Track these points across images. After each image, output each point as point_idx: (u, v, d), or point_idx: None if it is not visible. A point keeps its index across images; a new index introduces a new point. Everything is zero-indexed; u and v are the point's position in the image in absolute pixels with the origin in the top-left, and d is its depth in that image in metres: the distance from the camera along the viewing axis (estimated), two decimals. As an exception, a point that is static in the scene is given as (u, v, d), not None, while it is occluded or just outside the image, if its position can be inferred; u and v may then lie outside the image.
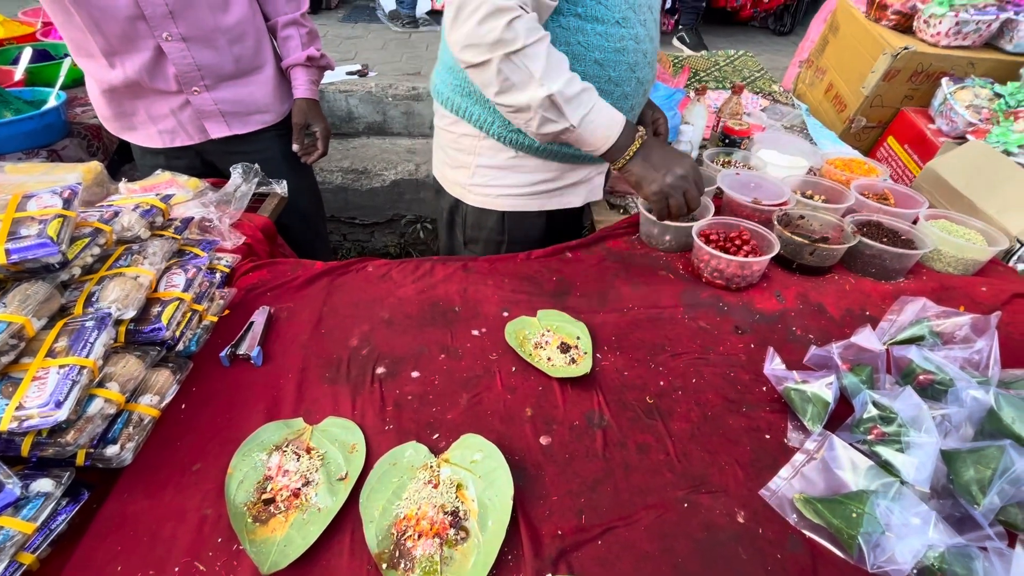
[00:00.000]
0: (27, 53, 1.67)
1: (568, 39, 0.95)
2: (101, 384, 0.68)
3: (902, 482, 0.66)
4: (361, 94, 2.77)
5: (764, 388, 0.85)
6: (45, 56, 1.82)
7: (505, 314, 0.97)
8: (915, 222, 1.18)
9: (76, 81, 1.83)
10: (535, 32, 0.83)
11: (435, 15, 3.96)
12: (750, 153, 1.43)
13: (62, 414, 0.60)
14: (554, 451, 0.74)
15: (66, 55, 1.77)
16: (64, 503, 0.63)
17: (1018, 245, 1.15)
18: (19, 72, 1.63)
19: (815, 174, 1.41)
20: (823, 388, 0.77)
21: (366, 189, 2.65)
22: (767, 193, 1.23)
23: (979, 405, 0.70)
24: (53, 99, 1.50)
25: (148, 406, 0.73)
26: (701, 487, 0.70)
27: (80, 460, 0.66)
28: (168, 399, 0.76)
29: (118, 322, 0.75)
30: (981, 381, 0.77)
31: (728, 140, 1.48)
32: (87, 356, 0.65)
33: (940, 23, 1.61)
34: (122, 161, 1.86)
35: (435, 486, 0.67)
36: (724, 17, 4.17)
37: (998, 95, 1.54)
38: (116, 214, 0.84)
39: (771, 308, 1.01)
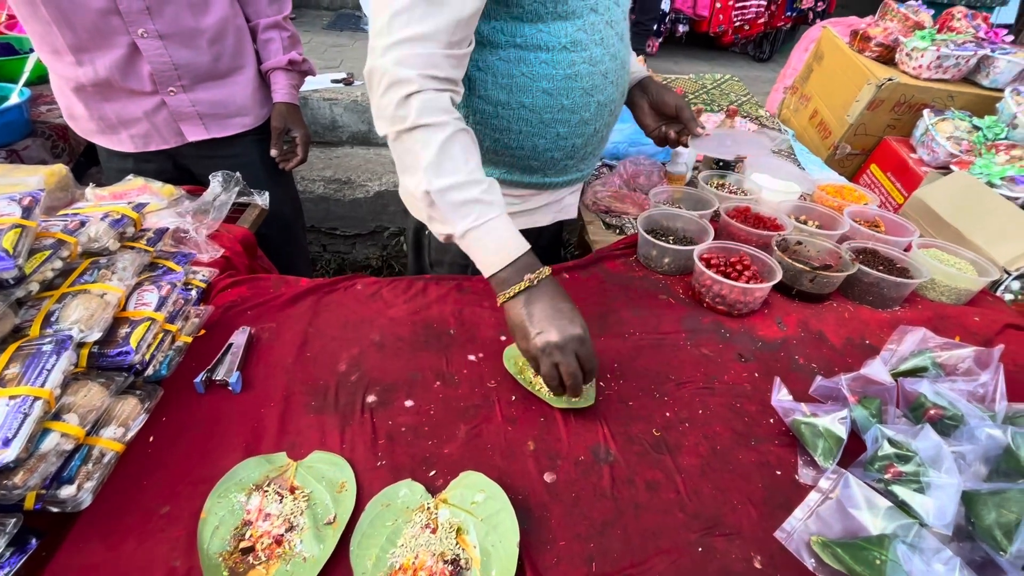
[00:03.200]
0: (-12, 47, 1.57)
1: (511, 71, 0.90)
2: (57, 416, 0.61)
3: (921, 524, 0.64)
4: (346, 103, 2.71)
5: (772, 420, 0.83)
6: (9, 50, 1.72)
7: (503, 338, 0.93)
8: (906, 250, 1.18)
9: (42, 78, 1.73)
10: (433, 114, 0.73)
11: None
12: (744, 176, 1.43)
13: (10, 454, 0.53)
14: (559, 489, 0.69)
15: (31, 50, 1.67)
16: (8, 554, 0.55)
17: (1006, 275, 1.17)
18: (-21, 66, 1.53)
19: (807, 200, 1.42)
20: (836, 423, 0.75)
21: (349, 199, 2.58)
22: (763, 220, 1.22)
23: (994, 443, 0.68)
24: (16, 96, 1.41)
25: (111, 440, 0.65)
26: (715, 529, 0.67)
27: (29, 504, 0.58)
28: (134, 431, 0.68)
29: (80, 345, 0.67)
30: (989, 416, 0.76)
31: (722, 163, 1.48)
32: (42, 385, 0.58)
33: (922, 56, 1.66)
34: (89, 163, 1.75)
35: (433, 531, 0.61)
36: (707, 42, 4.28)
37: (976, 128, 1.59)
38: (82, 224, 0.77)
39: (773, 335, 0.99)
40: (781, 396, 0.82)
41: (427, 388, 0.82)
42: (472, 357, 0.88)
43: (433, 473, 0.70)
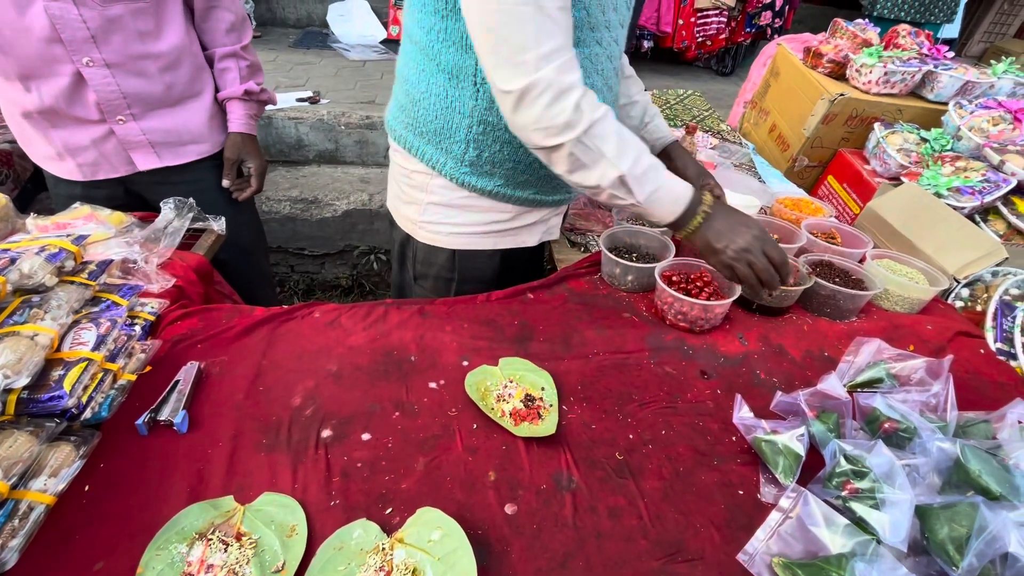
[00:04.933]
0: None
1: None
2: (-22, 471, 0.57)
3: (878, 541, 0.64)
4: (312, 121, 2.68)
5: (734, 438, 0.83)
6: (-50, 73, 1.64)
7: (465, 363, 0.91)
8: (861, 261, 1.21)
9: (-15, 102, 1.66)
10: (598, 108, 0.82)
11: (388, 43, 3.94)
12: (705, 191, 1.45)
13: (-82, 517, 0.49)
14: (520, 521, 0.68)
15: (-25, 73, 1.61)
16: (-81, 626, 0.51)
17: (955, 284, 1.21)
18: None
19: (766, 213, 1.45)
20: (794, 440, 0.75)
21: (316, 219, 2.54)
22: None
23: (945, 455, 0.69)
24: (-46, 122, 1.34)
25: (39, 492, 0.61)
26: (678, 555, 0.66)
27: (-55, 568, 0.54)
28: (67, 481, 0.64)
29: (7, 391, 0.63)
30: (940, 426, 0.78)
31: (684, 178, 1.50)
32: (-41, 439, 0.54)
33: (871, 72, 1.73)
34: (37, 190, 1.68)
35: (387, 573, 0.59)
36: (671, 57, 4.39)
37: (924, 140, 1.66)
38: (12, 261, 0.73)
39: (734, 351, 1.00)
40: (743, 414, 0.83)
41: (385, 419, 0.80)
42: (433, 384, 0.87)
43: (390, 511, 0.67)
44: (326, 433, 0.76)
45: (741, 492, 0.75)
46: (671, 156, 1.20)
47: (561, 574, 0.63)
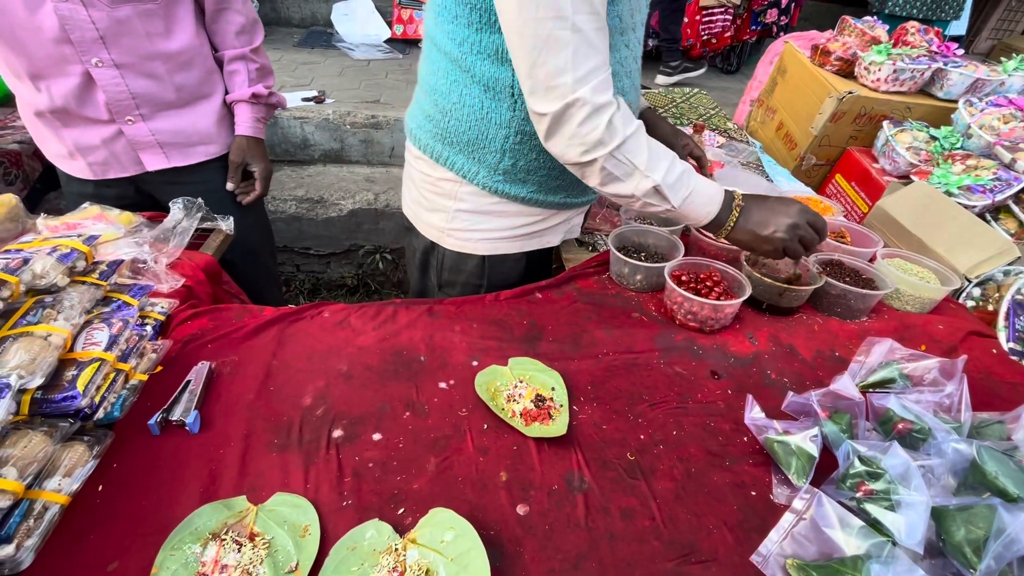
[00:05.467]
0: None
1: None
2: (-6, 471, 0.57)
3: (893, 543, 0.63)
4: (317, 120, 2.68)
5: (745, 438, 0.82)
6: (-41, 74, 1.65)
7: (474, 363, 0.91)
8: (871, 260, 1.21)
9: (-6, 103, 1.67)
10: (631, 122, 0.84)
11: (393, 43, 3.94)
12: (713, 190, 1.44)
13: (-64, 517, 0.49)
14: (533, 522, 0.68)
15: (-16, 74, 1.61)
16: (-64, 625, 0.51)
17: (967, 283, 1.20)
18: (-75, 92, 1.47)
19: (775, 211, 1.44)
20: (807, 442, 0.75)
21: (322, 219, 2.54)
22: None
23: (961, 457, 0.69)
24: (-36, 122, 1.35)
25: (54, 492, 0.61)
26: (691, 556, 0.66)
27: (-39, 568, 0.54)
28: (81, 481, 0.64)
29: (22, 391, 0.64)
30: (955, 427, 0.77)
31: (691, 177, 1.49)
32: (-25, 439, 0.54)
33: (880, 70, 1.72)
34: (46, 190, 1.70)
35: (401, 574, 0.59)
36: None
37: (933, 138, 1.64)
38: (25, 261, 0.73)
39: (745, 351, 1.00)
40: (754, 414, 0.82)
41: (396, 419, 0.80)
42: (443, 384, 0.86)
43: (402, 511, 0.67)
44: (337, 433, 0.76)
45: (753, 493, 0.74)
46: (647, 122, 1.22)
47: (574, 575, 0.62)
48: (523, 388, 0.85)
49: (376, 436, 0.77)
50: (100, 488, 0.66)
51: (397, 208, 2.55)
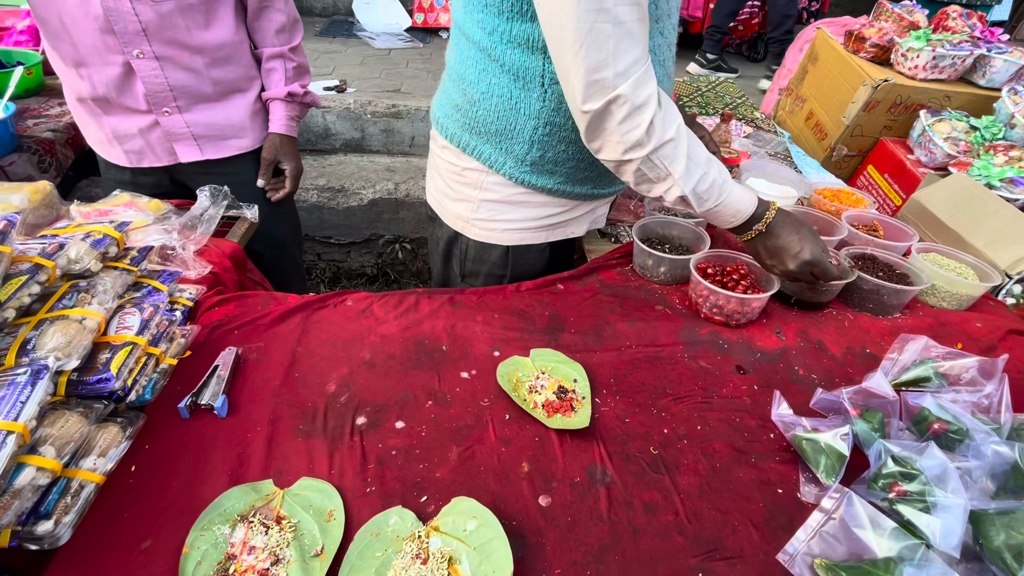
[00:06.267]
0: (-26, 61, 1.55)
1: None
2: (33, 448, 0.59)
3: (928, 545, 0.62)
4: (339, 110, 2.70)
5: (772, 435, 0.81)
6: (-5, 64, 1.70)
7: (496, 353, 0.91)
8: (906, 255, 1.17)
9: (28, 91, 1.71)
10: (671, 125, 0.82)
11: (414, 31, 3.93)
12: (739, 181, 1.41)
13: (-19, 493, 0.51)
14: (555, 513, 0.67)
15: (18, 63, 1.65)
16: (-19, 595, 0.53)
17: (1007, 279, 1.15)
18: (-36, 81, 1.51)
19: (804, 204, 1.41)
20: (838, 440, 0.73)
21: (343, 208, 2.56)
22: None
23: (1001, 459, 0.66)
24: (0, 110, 1.38)
25: (90, 471, 0.63)
26: (715, 553, 0.65)
27: (3, 541, 0.56)
28: (115, 461, 0.66)
29: (58, 373, 0.65)
30: (994, 428, 0.75)
31: (718, 168, 1.46)
32: (16, 419, 0.56)
33: (918, 57, 1.65)
34: (78, 177, 1.73)
35: (424, 561, 0.59)
36: (701, 42, 4.27)
37: (973, 128, 1.58)
38: (61, 247, 0.75)
39: (772, 346, 0.97)
40: (781, 410, 0.81)
41: (419, 408, 0.80)
42: (465, 374, 0.86)
43: (424, 499, 0.68)
44: (360, 420, 0.77)
45: (780, 491, 0.73)
46: None
47: (597, 568, 0.62)
48: (545, 379, 0.84)
49: (399, 424, 0.77)
50: (133, 468, 0.68)
51: (417, 198, 2.55)
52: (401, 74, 3.14)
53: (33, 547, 0.58)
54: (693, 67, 3.83)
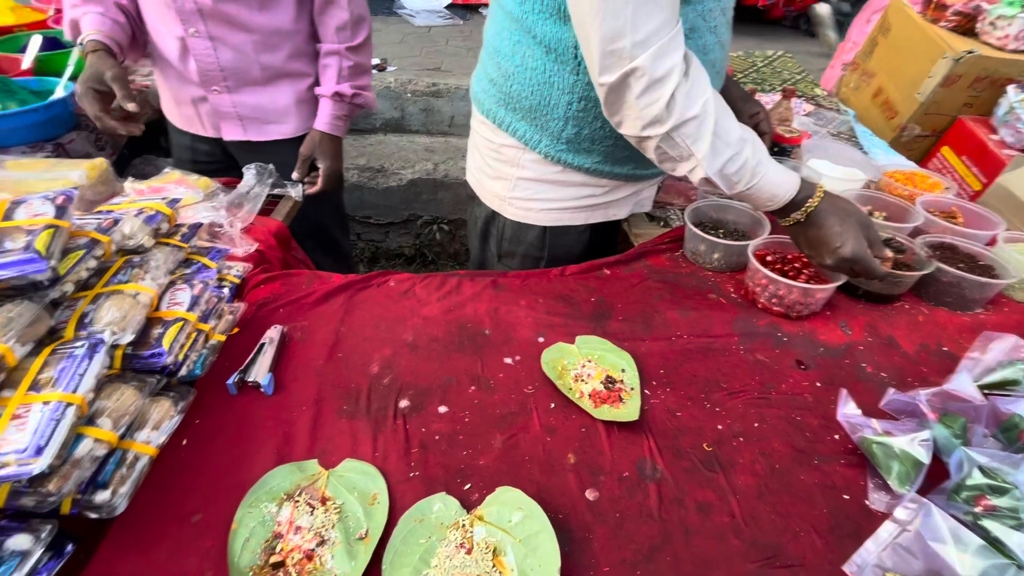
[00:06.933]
0: (35, 41, 1.59)
1: None
2: (91, 420, 0.60)
3: (1019, 566, 0.56)
4: (379, 89, 2.69)
5: (836, 436, 0.75)
6: (55, 44, 1.75)
7: (540, 339, 0.88)
8: (990, 244, 1.06)
9: (87, 71, 1.75)
10: (696, 101, 0.75)
11: (454, 8, 3.86)
12: (800, 163, 1.32)
13: (42, 462, 0.52)
14: (603, 508, 0.65)
15: (78, 44, 1.70)
16: (45, 559, 0.55)
17: (1109, 274, 1.03)
18: (27, 61, 1.56)
19: (872, 187, 1.30)
20: (916, 445, 0.67)
21: (382, 188, 2.57)
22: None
23: (1110, 476, 0.59)
24: (60, 90, 1.43)
25: (144, 444, 0.64)
26: (775, 559, 0.61)
27: (65, 509, 0.58)
28: (167, 434, 0.67)
29: (114, 347, 0.66)
30: (1097, 440, 0.67)
31: (777, 149, 1.37)
32: (75, 391, 0.57)
33: (1009, 25, 1.49)
34: (132, 155, 1.79)
35: (468, 551, 0.58)
36: (754, 15, 4.03)
37: (1071, 105, 1.42)
38: (116, 222, 0.75)
39: (836, 340, 0.91)
40: (848, 410, 0.75)
41: (461, 393, 0.78)
42: (508, 360, 0.84)
43: (468, 487, 0.66)
44: (404, 403, 0.76)
45: (846, 496, 0.68)
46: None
47: (647, 568, 0.59)
48: (592, 368, 0.81)
49: (442, 409, 0.76)
50: (184, 442, 0.69)
51: (455, 178, 2.53)
52: (441, 52, 3.10)
53: (92, 515, 0.59)
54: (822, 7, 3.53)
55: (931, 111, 1.66)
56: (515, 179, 1.02)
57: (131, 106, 1.11)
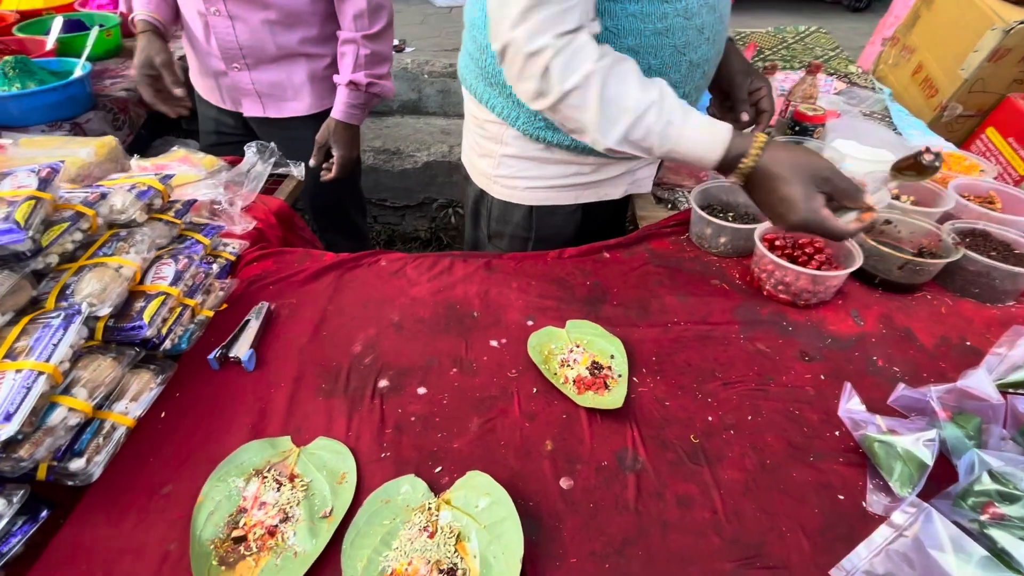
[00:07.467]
0: (58, 22, 1.64)
1: None
2: (67, 390, 0.61)
3: (1027, 581, 0.51)
4: (396, 70, 2.67)
5: (837, 432, 0.70)
6: (80, 27, 1.79)
7: (530, 323, 0.85)
8: (1030, 232, 0.97)
9: (107, 52, 1.80)
10: (575, 73, 0.70)
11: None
12: (823, 144, 1.23)
13: (11, 428, 0.53)
14: (576, 498, 0.62)
15: (100, 25, 1.74)
16: (20, 522, 0.56)
17: None
18: (50, 42, 1.60)
19: (902, 170, 1.21)
20: (920, 445, 0.62)
21: (398, 170, 2.56)
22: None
23: None
24: (79, 70, 1.46)
25: (121, 415, 0.65)
26: (756, 559, 0.57)
27: (41, 474, 0.59)
28: (146, 406, 0.68)
29: (95, 318, 0.67)
30: None
31: (799, 128, 1.29)
32: (47, 359, 0.58)
33: (1069, -8, 1.35)
34: (152, 136, 1.82)
35: (431, 535, 0.56)
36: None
37: None
38: (103, 196, 0.76)
39: (846, 331, 0.85)
40: (851, 405, 0.70)
41: (443, 375, 0.76)
42: (494, 343, 0.82)
43: (439, 470, 0.64)
44: (383, 383, 0.75)
45: (841, 497, 0.63)
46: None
47: (617, 562, 0.57)
48: (579, 353, 0.78)
49: (421, 390, 0.74)
50: (163, 415, 0.69)
51: (471, 161, 2.50)
52: (460, 33, 3.05)
53: (68, 483, 0.60)
54: None
55: (976, 89, 1.53)
56: (499, 156, 0.99)
57: (178, 91, 1.21)
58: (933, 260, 0.88)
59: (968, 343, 0.84)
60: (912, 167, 0.72)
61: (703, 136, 0.74)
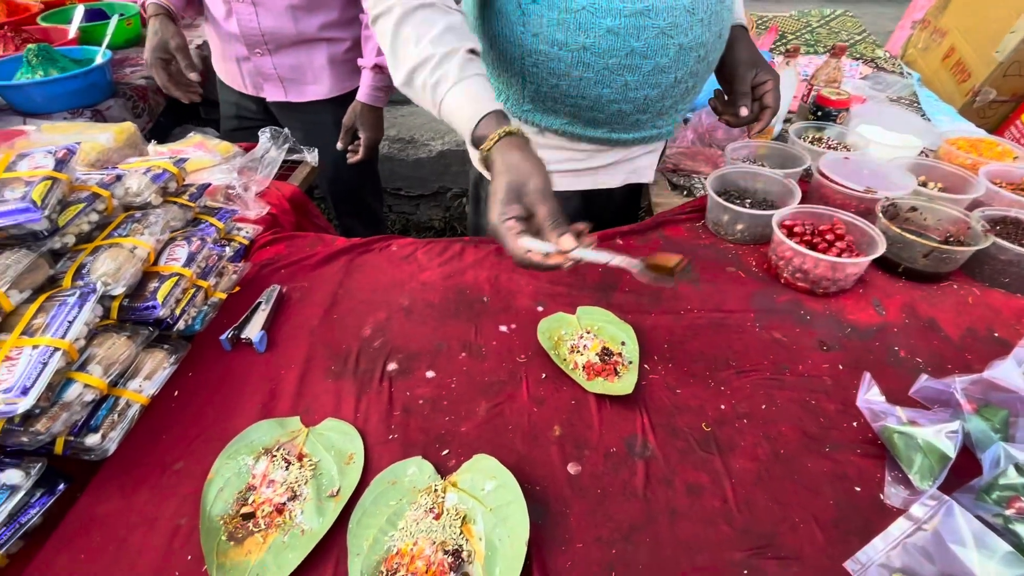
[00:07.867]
0: (79, 11, 1.66)
1: (569, 5, 0.76)
2: (83, 367, 0.62)
3: (1054, 579, 0.49)
4: (412, 59, 2.65)
5: (855, 424, 0.68)
6: (101, 15, 1.82)
7: (540, 309, 0.84)
8: (1065, 220, 0.93)
9: (128, 41, 1.82)
10: (381, 2, 0.73)
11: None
12: (847, 129, 1.19)
13: (27, 402, 0.54)
14: (584, 483, 0.62)
15: (120, 14, 1.76)
16: (38, 494, 0.58)
17: None
18: (72, 30, 1.63)
19: (929, 156, 1.17)
20: (942, 437, 0.59)
21: (412, 159, 2.56)
22: (881, 182, 1.00)
23: None
24: (99, 58, 1.48)
25: (135, 392, 0.66)
26: (767, 549, 0.56)
27: (59, 448, 0.60)
28: (159, 384, 0.69)
29: (112, 298, 0.68)
30: None
31: (821, 113, 1.25)
32: (63, 336, 0.59)
33: (1116, -32, 1.28)
34: (171, 124, 1.85)
35: (437, 516, 0.56)
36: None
37: None
38: (118, 178, 0.77)
39: (867, 321, 0.82)
40: (870, 395, 0.68)
41: (452, 359, 0.76)
42: (504, 328, 0.81)
43: (446, 452, 0.64)
44: (392, 366, 0.75)
45: (858, 488, 0.62)
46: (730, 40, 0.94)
47: (625, 548, 0.56)
48: (589, 339, 0.77)
49: (429, 374, 0.74)
50: (176, 393, 0.70)
51: (486, 150, 2.48)
52: (477, 20, 3.03)
53: (84, 457, 0.62)
54: None
55: (1011, 72, 1.47)
56: None
57: (193, 76, 1.21)
58: (961, 248, 0.85)
59: (996, 334, 0.80)
60: (664, 269, 0.66)
61: (465, 106, 0.70)
